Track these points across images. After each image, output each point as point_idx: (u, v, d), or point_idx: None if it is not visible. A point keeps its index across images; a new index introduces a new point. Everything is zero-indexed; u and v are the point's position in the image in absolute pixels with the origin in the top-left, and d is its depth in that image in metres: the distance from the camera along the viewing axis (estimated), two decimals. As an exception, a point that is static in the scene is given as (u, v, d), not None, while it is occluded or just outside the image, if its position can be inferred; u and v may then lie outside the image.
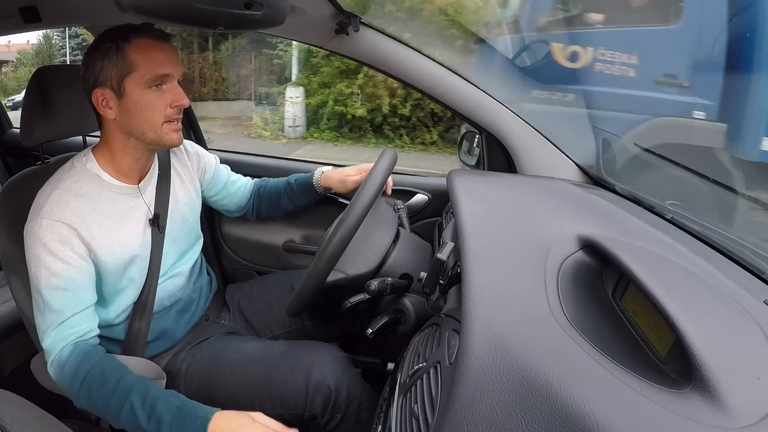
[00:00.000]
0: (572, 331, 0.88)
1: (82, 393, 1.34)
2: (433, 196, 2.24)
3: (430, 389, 0.96)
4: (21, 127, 1.61)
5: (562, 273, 1.07)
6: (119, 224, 1.51)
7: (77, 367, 1.34)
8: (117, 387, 1.31)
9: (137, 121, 1.45)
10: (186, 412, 1.27)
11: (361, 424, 1.52)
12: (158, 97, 1.44)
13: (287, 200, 2.01)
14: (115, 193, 1.52)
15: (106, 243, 1.46)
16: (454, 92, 1.91)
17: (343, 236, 1.39)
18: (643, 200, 1.60)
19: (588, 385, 0.74)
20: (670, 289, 0.87)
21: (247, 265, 2.49)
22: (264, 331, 1.90)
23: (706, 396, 0.71)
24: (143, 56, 1.41)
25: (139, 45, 1.41)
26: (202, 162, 1.87)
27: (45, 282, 1.37)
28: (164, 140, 1.49)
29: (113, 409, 1.30)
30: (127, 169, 1.55)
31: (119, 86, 1.42)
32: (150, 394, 1.30)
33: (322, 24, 1.81)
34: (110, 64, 1.41)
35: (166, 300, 1.67)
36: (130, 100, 1.43)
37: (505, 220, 1.36)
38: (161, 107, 1.45)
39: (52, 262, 1.37)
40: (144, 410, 1.28)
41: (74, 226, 1.41)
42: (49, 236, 1.38)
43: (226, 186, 1.97)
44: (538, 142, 1.91)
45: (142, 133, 1.47)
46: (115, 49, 1.41)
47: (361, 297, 1.45)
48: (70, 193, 1.44)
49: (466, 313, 0.94)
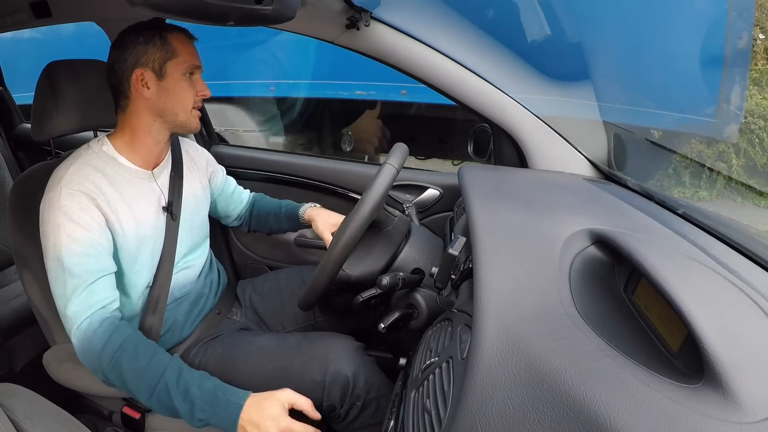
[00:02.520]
0: (584, 326, 0.88)
1: (111, 366, 1.35)
2: (444, 191, 2.24)
3: (442, 384, 0.96)
4: (32, 122, 1.63)
5: (574, 268, 1.07)
6: (134, 202, 1.54)
7: (108, 339, 1.35)
8: (150, 363, 1.34)
9: (173, 101, 1.56)
10: (219, 397, 1.32)
11: (381, 412, 1.53)
12: (190, 84, 1.57)
13: (274, 222, 2.08)
14: (131, 175, 1.56)
15: (123, 218, 1.49)
16: (465, 87, 1.91)
17: (355, 229, 1.40)
18: (654, 195, 1.60)
19: (600, 379, 0.74)
20: (682, 284, 0.87)
21: (258, 260, 2.50)
22: (276, 327, 1.91)
23: (718, 391, 0.71)
24: (183, 47, 1.55)
25: (179, 37, 1.55)
26: (212, 166, 1.96)
27: (66, 249, 1.38)
28: (190, 123, 1.60)
29: (145, 386, 1.33)
30: (146, 153, 1.60)
31: (161, 68, 1.52)
32: (184, 375, 1.34)
33: (333, 19, 1.81)
34: (154, 48, 1.51)
35: (177, 292, 1.69)
36: (171, 82, 1.54)
37: (516, 215, 1.36)
38: (191, 93, 1.58)
39: (73, 228, 1.39)
40: (179, 391, 1.31)
41: (93, 196, 1.44)
42: (69, 204, 1.40)
43: (233, 195, 2.07)
44: (549, 137, 1.91)
45: (175, 113, 1.57)
46: (159, 36, 1.51)
47: (373, 292, 1.45)
48: (89, 167, 1.48)
49: (477, 308, 0.94)
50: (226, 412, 1.29)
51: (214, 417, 1.30)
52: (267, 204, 2.11)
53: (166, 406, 1.32)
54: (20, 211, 1.61)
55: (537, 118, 1.90)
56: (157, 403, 1.33)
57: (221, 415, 1.29)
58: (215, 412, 1.30)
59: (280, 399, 1.32)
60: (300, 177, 2.43)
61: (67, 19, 2.27)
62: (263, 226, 2.11)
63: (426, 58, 1.89)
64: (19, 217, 1.61)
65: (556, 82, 2.09)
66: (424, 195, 2.25)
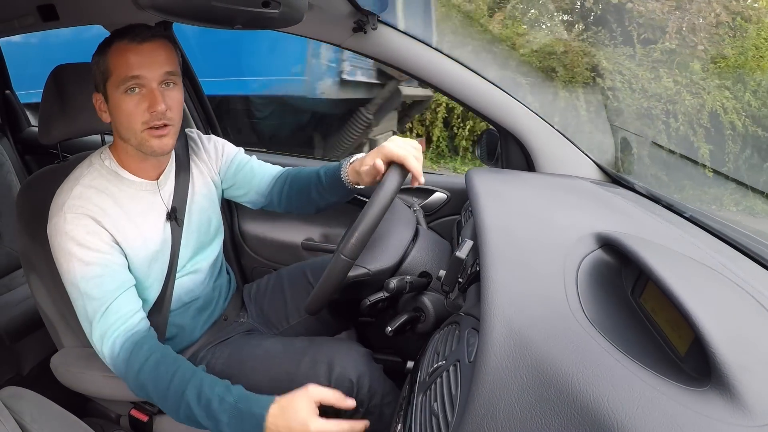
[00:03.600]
0: (591, 330, 0.88)
1: (138, 387, 1.36)
2: (451, 194, 2.24)
3: (449, 387, 0.96)
4: (39, 126, 1.63)
5: (581, 271, 1.07)
6: (141, 220, 1.51)
7: (128, 361, 1.35)
8: (172, 383, 1.32)
9: (120, 126, 1.44)
10: (242, 411, 1.29)
11: (384, 420, 1.52)
12: (134, 102, 1.40)
13: (317, 195, 1.79)
14: (134, 189, 1.52)
15: (131, 237, 1.47)
16: (472, 90, 1.90)
17: (362, 234, 1.39)
18: (661, 198, 1.60)
19: (607, 383, 0.74)
20: (689, 287, 0.87)
21: (266, 264, 2.49)
22: (281, 323, 1.90)
23: (726, 394, 0.71)
24: (117, 59, 1.38)
25: (116, 48, 1.39)
26: (221, 152, 1.82)
27: (80, 274, 1.36)
28: (145, 147, 1.44)
29: (170, 405, 1.33)
30: (139, 168, 1.54)
31: (105, 91, 1.43)
32: (204, 391, 1.31)
33: (340, 22, 1.81)
34: (97, 69, 1.42)
35: (185, 296, 1.67)
36: (113, 105, 1.43)
37: (523, 218, 1.36)
38: (137, 113, 1.40)
39: (83, 253, 1.37)
40: (201, 408, 1.30)
41: (98, 219, 1.41)
42: (75, 229, 1.38)
43: (245, 173, 1.83)
44: (557, 141, 1.91)
45: (127, 138, 1.45)
46: (100, 53, 1.41)
47: (380, 295, 1.44)
48: (91, 189, 1.44)
49: (485, 311, 0.94)
50: (251, 424, 1.27)
51: (241, 429, 1.28)
52: (306, 176, 1.80)
53: (195, 422, 1.32)
54: (28, 215, 1.61)
55: (544, 121, 1.90)
56: (187, 420, 1.33)
57: (247, 428, 1.28)
58: (241, 426, 1.28)
59: (306, 398, 1.30)
60: None
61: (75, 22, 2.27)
62: (307, 204, 1.84)
63: (433, 62, 1.89)
64: (27, 220, 1.61)
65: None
66: (431, 198, 2.25)
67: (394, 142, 1.47)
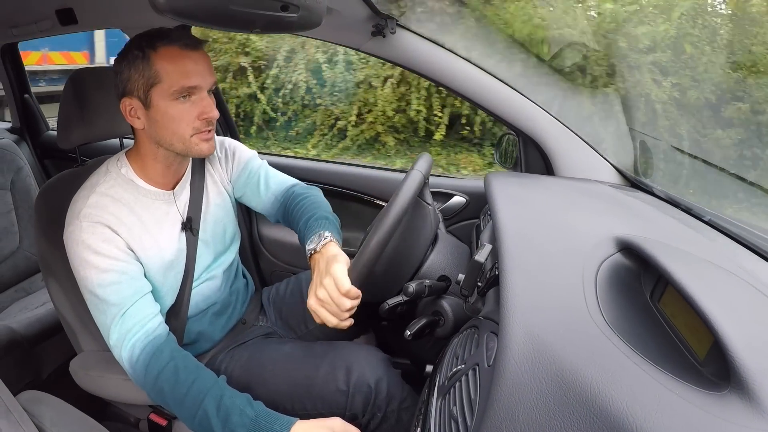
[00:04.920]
0: (610, 333, 0.88)
1: (155, 392, 1.35)
2: (470, 198, 2.24)
3: (468, 391, 0.97)
4: (58, 130, 1.64)
5: (600, 275, 1.07)
6: (156, 229, 1.51)
7: (147, 367, 1.34)
8: (191, 390, 1.31)
9: (164, 132, 1.43)
10: (261, 426, 1.26)
11: (402, 425, 1.52)
12: (185, 109, 1.40)
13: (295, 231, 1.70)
14: (150, 199, 1.52)
15: (146, 246, 1.47)
16: (491, 95, 1.91)
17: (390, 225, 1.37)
18: (680, 202, 1.59)
19: (627, 387, 0.75)
20: (709, 292, 0.87)
21: (285, 267, 2.50)
22: (299, 327, 1.90)
23: (745, 398, 0.70)
24: (170, 66, 1.37)
25: (165, 53, 1.37)
26: (234, 158, 1.78)
27: (97, 281, 1.37)
28: (193, 151, 1.46)
29: (187, 412, 1.31)
30: (160, 177, 1.54)
31: (146, 97, 1.39)
32: (224, 403, 1.29)
33: (359, 26, 1.82)
34: (137, 73, 1.38)
35: (202, 303, 1.67)
36: (157, 112, 1.40)
37: (542, 222, 1.36)
38: (188, 119, 1.41)
39: (99, 260, 1.37)
40: (219, 419, 1.27)
41: (113, 228, 1.41)
42: (91, 237, 1.38)
43: (253, 187, 1.78)
44: (576, 144, 1.90)
45: (170, 144, 1.44)
46: (142, 58, 1.37)
47: (399, 299, 1.44)
48: (107, 197, 1.44)
49: (504, 315, 0.95)
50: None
51: None
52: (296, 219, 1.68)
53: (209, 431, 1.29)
54: (46, 219, 1.61)
55: (563, 125, 1.90)
56: (200, 428, 1.30)
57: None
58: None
59: (331, 428, 1.27)
60: (325, 184, 2.40)
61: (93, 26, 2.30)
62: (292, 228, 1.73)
63: (452, 66, 1.89)
64: (45, 225, 1.61)
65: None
66: (450, 202, 2.26)
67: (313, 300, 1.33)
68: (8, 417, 0.97)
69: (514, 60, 2.75)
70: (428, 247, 1.63)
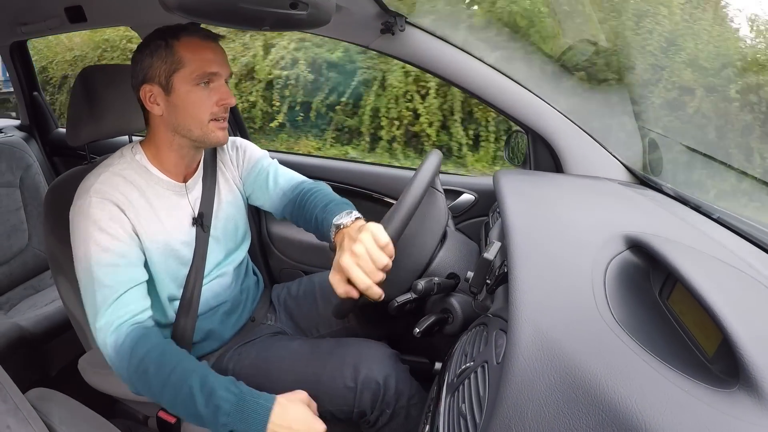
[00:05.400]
0: (619, 331, 0.88)
1: (137, 374, 1.32)
2: (479, 195, 2.24)
3: (477, 389, 0.97)
4: (67, 127, 1.65)
5: (609, 272, 1.06)
6: (164, 217, 1.52)
7: (133, 348, 1.33)
8: (176, 369, 1.30)
9: (184, 117, 1.47)
10: (246, 400, 1.26)
11: (411, 421, 1.53)
12: (205, 95, 1.46)
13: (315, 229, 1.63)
14: (162, 188, 1.54)
15: (152, 231, 1.48)
16: (501, 92, 1.91)
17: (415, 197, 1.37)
18: (689, 200, 1.59)
19: (636, 384, 0.75)
20: (718, 289, 0.87)
21: (294, 265, 2.50)
22: (311, 331, 1.90)
23: (754, 396, 0.70)
24: (192, 54, 1.43)
25: (188, 43, 1.44)
26: (245, 156, 1.81)
27: (96, 258, 1.38)
28: (210, 138, 1.50)
29: (170, 392, 1.29)
30: (173, 167, 1.57)
31: (167, 82, 1.44)
32: (210, 380, 1.28)
33: (368, 24, 1.82)
34: (159, 60, 1.44)
35: (212, 300, 1.67)
36: (178, 97, 1.45)
37: (551, 219, 1.36)
38: (208, 105, 1.46)
39: (102, 238, 1.39)
40: (203, 394, 1.26)
41: (122, 207, 1.43)
42: (99, 213, 1.40)
43: (262, 186, 1.77)
44: (585, 142, 1.90)
45: (188, 129, 1.48)
46: (165, 46, 1.43)
47: (408, 296, 1.45)
48: (119, 177, 1.47)
49: (513, 312, 0.95)
50: (255, 414, 1.24)
51: (241, 421, 1.24)
52: (310, 209, 1.63)
53: (190, 412, 1.28)
54: (55, 216, 1.61)
55: (572, 123, 1.89)
56: (183, 409, 1.29)
57: (249, 419, 1.24)
58: (242, 415, 1.24)
59: (301, 399, 1.30)
60: (334, 181, 2.40)
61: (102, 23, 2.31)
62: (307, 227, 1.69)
63: (461, 63, 1.89)
64: (54, 222, 1.61)
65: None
66: (459, 199, 2.26)
67: (347, 255, 1.27)
68: (17, 414, 0.97)
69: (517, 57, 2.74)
70: (438, 243, 1.63)
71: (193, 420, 1.30)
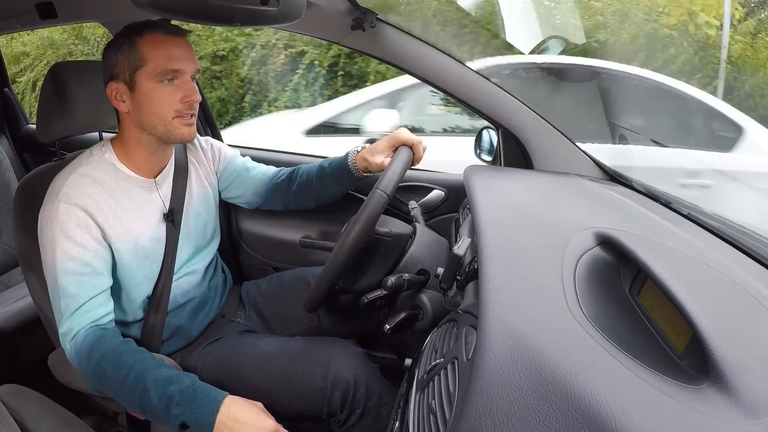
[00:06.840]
0: (589, 327, 0.88)
1: (97, 375, 1.34)
2: (449, 191, 2.23)
3: (447, 385, 0.96)
4: (37, 123, 1.63)
5: (579, 269, 1.07)
6: (133, 215, 1.52)
7: (91, 349, 1.34)
8: (133, 368, 1.30)
9: (147, 114, 1.46)
10: (197, 391, 1.26)
11: (381, 421, 1.52)
12: (169, 92, 1.45)
13: (319, 185, 1.87)
14: (130, 185, 1.53)
15: (120, 231, 1.48)
16: (471, 88, 1.90)
17: (361, 231, 1.40)
18: (659, 196, 1.60)
19: (605, 380, 0.74)
20: (687, 285, 0.88)
21: (264, 261, 2.48)
22: (281, 329, 1.89)
23: (723, 392, 0.71)
24: (154, 50, 1.42)
25: (151, 39, 1.43)
26: (218, 154, 1.85)
27: (61, 266, 1.38)
28: (174, 134, 1.49)
29: (128, 392, 1.30)
30: (143, 163, 1.56)
31: (131, 80, 1.44)
32: (163, 374, 1.29)
33: (338, 20, 1.81)
34: (123, 57, 1.43)
35: (180, 297, 1.67)
36: (141, 94, 1.44)
37: (522, 215, 1.36)
38: (171, 102, 1.45)
39: (69, 246, 1.38)
40: (156, 389, 1.26)
41: (90, 211, 1.42)
42: (66, 219, 1.39)
43: (240, 175, 1.89)
44: (555, 138, 1.90)
45: (153, 126, 1.48)
46: (128, 43, 1.42)
47: (378, 293, 1.45)
48: (87, 178, 1.45)
49: (483, 309, 0.94)
50: (205, 406, 1.24)
51: (191, 412, 1.24)
52: (306, 171, 1.89)
53: (146, 409, 1.29)
54: (25, 213, 1.59)
55: (542, 119, 1.90)
56: (140, 406, 1.30)
57: (199, 410, 1.24)
58: (193, 407, 1.25)
59: (258, 406, 1.29)
60: None
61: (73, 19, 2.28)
62: (308, 198, 1.92)
63: (432, 60, 1.88)
64: (24, 218, 1.59)
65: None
66: (429, 196, 2.25)
67: (406, 132, 1.68)
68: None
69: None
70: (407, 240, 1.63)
71: (151, 416, 1.32)
